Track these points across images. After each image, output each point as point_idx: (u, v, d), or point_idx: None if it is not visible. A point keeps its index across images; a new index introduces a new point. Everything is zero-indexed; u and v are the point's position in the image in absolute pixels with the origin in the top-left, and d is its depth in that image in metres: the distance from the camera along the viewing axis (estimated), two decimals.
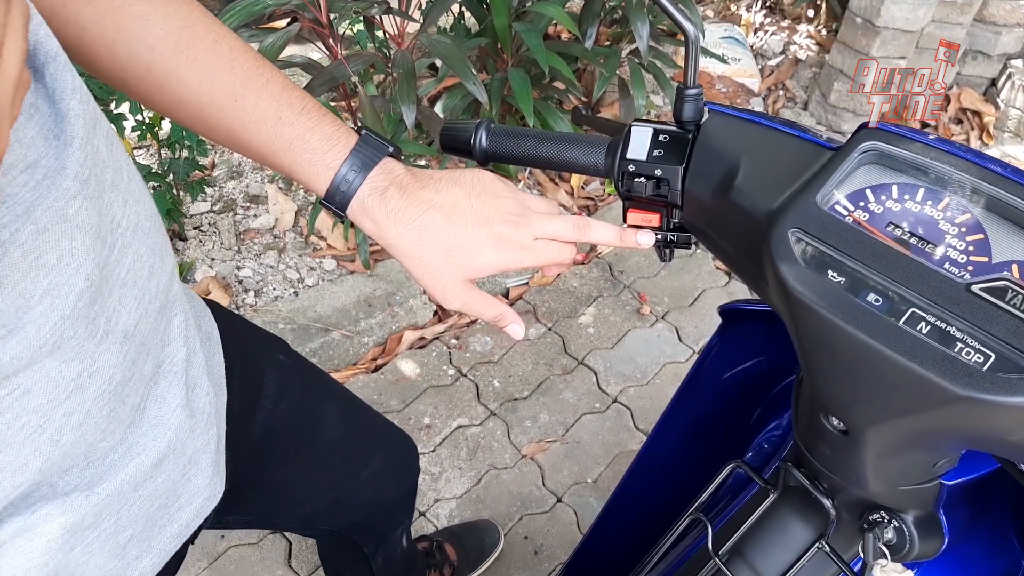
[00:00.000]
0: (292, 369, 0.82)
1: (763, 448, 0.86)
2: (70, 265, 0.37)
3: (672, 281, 2.18)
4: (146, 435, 0.50)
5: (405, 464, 1.01)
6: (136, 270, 0.45)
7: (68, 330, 0.38)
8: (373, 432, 0.95)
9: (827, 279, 0.43)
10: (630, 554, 0.91)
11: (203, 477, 0.58)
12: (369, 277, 2.03)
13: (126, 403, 0.46)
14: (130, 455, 0.49)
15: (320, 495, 0.88)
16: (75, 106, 0.38)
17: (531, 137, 0.62)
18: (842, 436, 0.49)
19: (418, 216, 0.55)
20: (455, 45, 1.67)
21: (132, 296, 0.44)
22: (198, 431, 0.56)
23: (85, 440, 0.44)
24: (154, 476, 0.52)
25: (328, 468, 0.87)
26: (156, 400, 0.51)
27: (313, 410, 0.84)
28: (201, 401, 0.57)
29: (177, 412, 0.52)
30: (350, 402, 0.91)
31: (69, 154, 0.37)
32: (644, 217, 0.58)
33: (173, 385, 0.52)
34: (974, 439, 0.45)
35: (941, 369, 0.39)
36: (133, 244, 0.44)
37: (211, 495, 0.60)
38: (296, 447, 0.82)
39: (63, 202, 0.36)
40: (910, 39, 2.66)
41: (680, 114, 0.55)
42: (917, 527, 0.58)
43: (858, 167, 0.48)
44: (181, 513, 0.57)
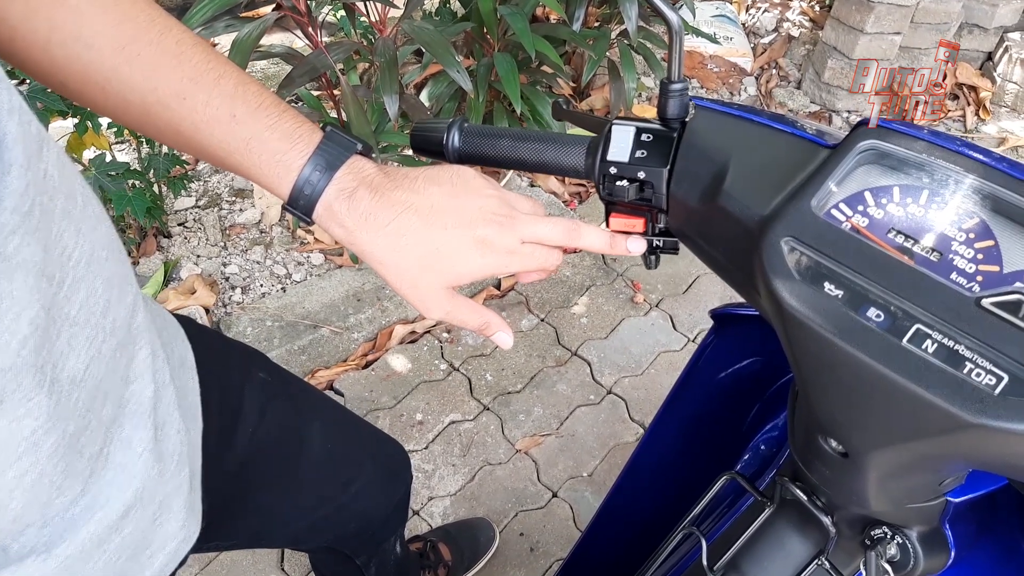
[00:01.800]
0: (272, 386, 0.77)
1: (759, 450, 0.83)
2: (10, 310, 0.33)
3: (666, 268, 2.14)
4: (110, 484, 0.45)
5: (396, 474, 0.97)
6: (89, 306, 0.40)
7: (11, 383, 0.34)
8: (361, 444, 0.91)
9: (824, 293, 0.40)
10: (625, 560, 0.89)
11: (175, 521, 0.53)
12: (358, 271, 1.99)
13: (83, 454, 0.41)
14: (91, 509, 0.44)
15: (307, 514, 0.85)
16: (12, 129, 0.33)
17: (507, 137, 0.58)
18: (841, 458, 0.46)
19: (392, 219, 0.51)
20: (438, 31, 1.62)
21: (83, 336, 0.40)
22: (168, 475, 0.51)
23: (38, 501, 0.39)
24: (120, 528, 0.47)
25: (314, 486, 0.83)
26: (120, 445, 0.46)
27: (296, 428, 0.80)
28: (171, 441, 0.52)
29: (144, 457, 0.47)
30: (335, 415, 0.87)
31: (5, 184, 0.32)
32: (627, 222, 0.54)
33: (139, 428, 0.47)
34: (985, 463, 0.41)
35: (949, 393, 0.35)
36: (87, 278, 0.39)
37: (185, 537, 0.56)
38: (279, 469, 0.78)
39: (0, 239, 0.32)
40: (905, 14, 2.61)
41: (664, 111, 0.51)
42: (922, 543, 0.55)
43: (856, 168, 0.44)
44: (153, 560, 0.53)
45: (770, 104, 2.93)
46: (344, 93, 1.63)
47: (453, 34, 1.96)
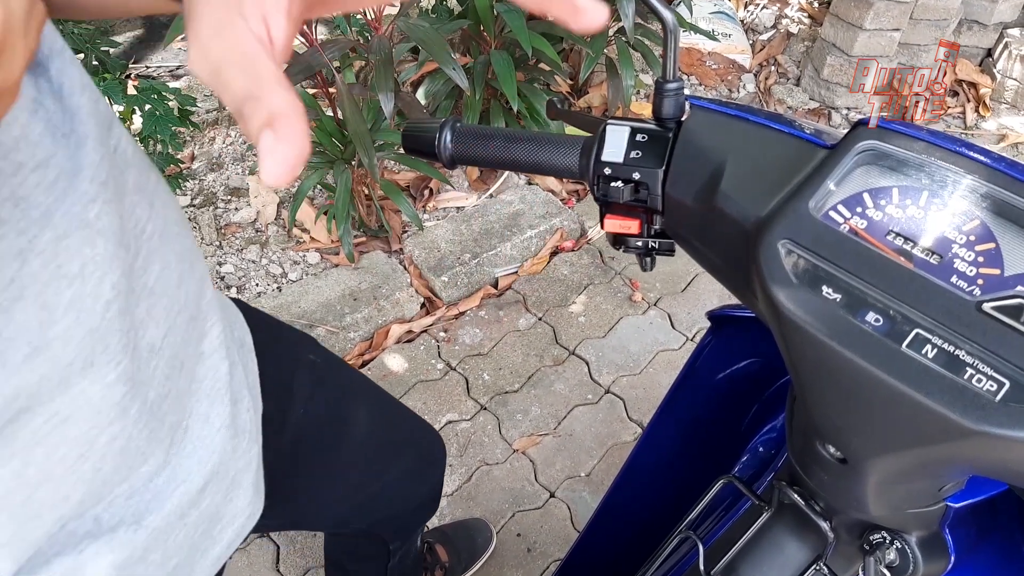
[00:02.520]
0: (322, 368, 0.78)
1: (758, 452, 0.83)
2: (94, 274, 0.34)
3: (664, 267, 2.13)
4: (190, 457, 0.47)
5: (434, 459, 0.98)
6: (164, 279, 0.41)
7: (99, 344, 0.35)
8: (403, 428, 0.93)
9: (821, 297, 0.39)
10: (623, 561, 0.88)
11: (245, 497, 0.55)
12: (354, 270, 1.98)
13: (164, 422, 0.44)
14: (175, 481, 0.46)
15: (351, 496, 0.86)
16: (85, 103, 0.35)
17: (500, 137, 0.57)
18: (839, 464, 0.45)
19: None
20: (434, 29, 1.61)
21: (160, 307, 0.41)
22: (240, 451, 0.53)
23: (127, 465, 0.41)
24: (199, 502, 0.49)
25: (359, 467, 0.85)
26: (199, 419, 0.48)
27: (344, 410, 0.81)
28: (243, 418, 0.54)
29: (222, 432, 0.50)
30: (380, 398, 0.89)
31: (83, 155, 0.34)
32: (622, 224, 0.53)
33: (216, 403, 0.49)
34: (986, 470, 0.41)
35: (949, 399, 0.34)
36: (160, 251, 0.41)
37: (252, 513, 0.58)
38: (327, 449, 0.79)
39: (81, 206, 0.34)
40: (904, 10, 2.60)
41: (659, 110, 0.51)
42: (921, 548, 0.54)
43: (855, 169, 0.43)
44: (223, 535, 0.55)
45: (769, 101, 2.92)
46: (340, 91, 1.62)
47: (449, 32, 1.95)
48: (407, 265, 2.04)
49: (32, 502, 0.36)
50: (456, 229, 2.11)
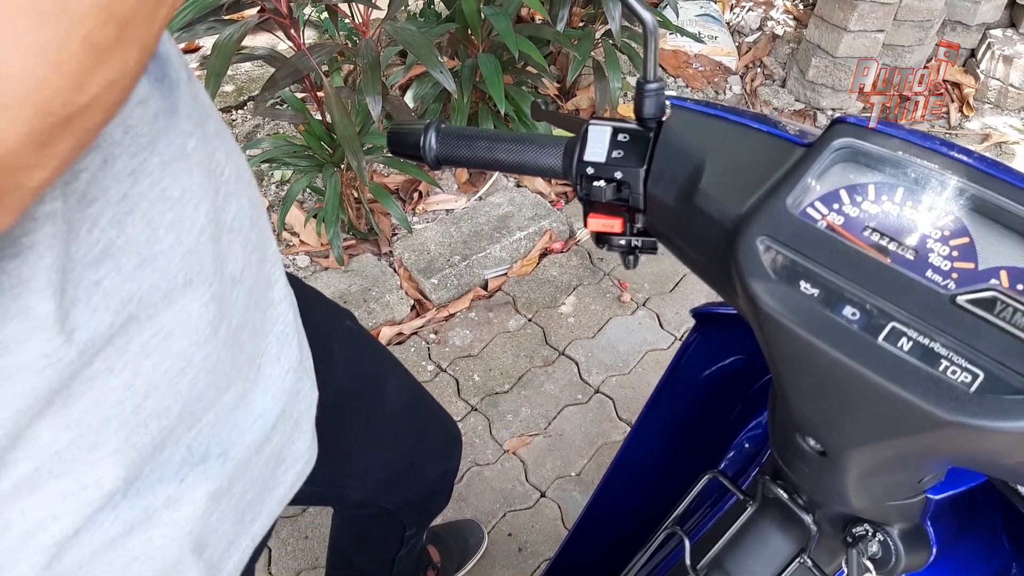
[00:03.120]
0: (358, 336, 0.81)
1: (743, 449, 0.83)
2: (191, 200, 0.38)
3: (652, 267, 2.14)
4: (265, 394, 0.50)
5: (455, 440, 1.02)
6: (240, 218, 0.45)
7: (195, 264, 0.39)
8: (429, 407, 0.96)
9: (799, 292, 0.39)
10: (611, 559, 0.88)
11: (304, 441, 0.58)
12: (344, 273, 1.98)
13: (244, 352, 0.47)
14: (252, 415, 0.49)
15: (385, 466, 0.89)
16: (174, 53, 0.39)
17: (484, 138, 0.57)
18: (820, 457, 0.46)
19: None
20: (421, 33, 1.62)
21: (238, 243, 0.45)
22: (303, 394, 0.56)
23: (216, 386, 0.44)
24: (271, 438, 0.52)
25: (393, 438, 0.88)
26: (270, 360, 0.51)
27: (378, 378, 0.84)
28: (307, 363, 0.57)
29: (290, 375, 0.53)
30: (408, 375, 0.92)
31: (179, 96, 0.38)
32: (605, 222, 0.54)
33: (285, 347, 0.53)
34: (963, 461, 0.41)
35: (925, 391, 0.35)
36: (236, 193, 0.45)
37: (309, 459, 0.60)
38: (362, 414, 0.82)
39: (182, 139, 0.38)
40: (888, 11, 2.62)
41: (640, 111, 0.51)
42: (903, 540, 0.55)
43: (832, 166, 0.44)
44: (286, 476, 0.57)
45: (755, 103, 2.93)
46: (328, 95, 1.62)
47: (437, 35, 1.96)
48: (397, 268, 2.04)
49: (141, 410, 0.39)
50: (445, 231, 2.11)
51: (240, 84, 2.65)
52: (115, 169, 0.34)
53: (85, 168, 0.33)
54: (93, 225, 0.34)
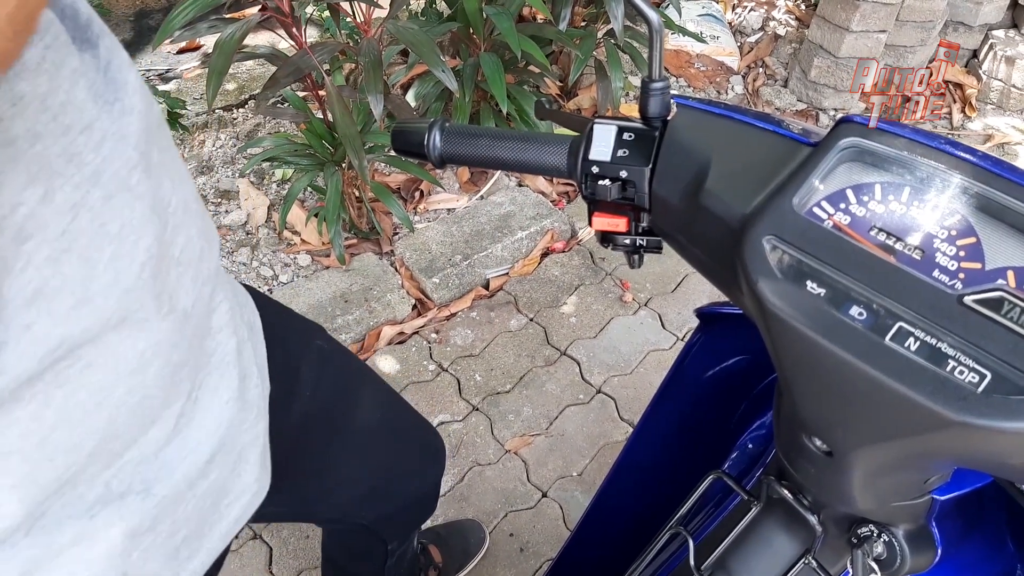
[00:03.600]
0: (329, 355, 0.79)
1: (747, 449, 0.83)
2: (131, 236, 0.37)
3: (654, 267, 2.14)
4: (199, 428, 0.49)
5: (436, 455, 0.99)
6: (189, 250, 0.44)
7: (134, 303, 0.38)
8: (408, 421, 0.94)
9: (806, 291, 0.39)
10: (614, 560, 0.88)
11: (251, 473, 0.56)
12: (345, 272, 1.98)
13: (179, 389, 0.45)
14: (184, 451, 0.48)
15: (357, 484, 0.87)
16: (132, 80, 0.39)
17: (488, 137, 0.57)
18: (826, 457, 0.46)
19: None
20: (423, 32, 1.62)
21: (188, 277, 0.44)
22: (247, 425, 0.54)
23: (139, 424, 0.43)
24: (207, 474, 0.50)
25: (365, 456, 0.86)
26: (209, 391, 0.49)
27: (349, 397, 0.82)
28: (252, 393, 0.55)
29: (230, 405, 0.51)
30: (384, 390, 0.90)
31: (128, 123, 0.37)
32: (610, 221, 0.53)
33: (226, 376, 0.51)
34: (969, 461, 0.41)
35: (932, 391, 0.35)
36: (184, 224, 0.44)
37: (259, 490, 0.59)
38: (333, 434, 0.80)
39: (126, 171, 0.37)
40: (890, 12, 2.62)
41: (645, 110, 0.51)
42: (908, 541, 0.55)
43: (838, 165, 0.44)
44: (230, 510, 0.56)
45: (757, 103, 2.93)
46: (329, 94, 1.62)
47: (439, 34, 1.96)
48: (398, 267, 2.04)
49: (47, 444, 0.37)
50: (447, 231, 2.11)
51: (242, 82, 2.65)
52: (55, 203, 0.33)
53: (23, 202, 0.31)
54: (27, 264, 0.32)
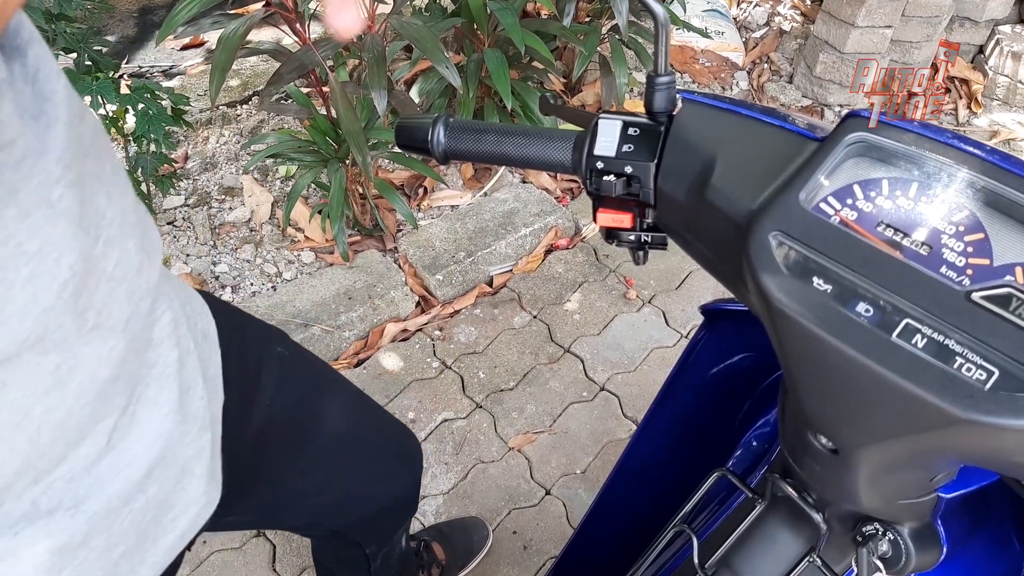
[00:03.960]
0: (290, 361, 0.78)
1: (751, 447, 0.83)
2: (51, 254, 0.36)
3: (658, 264, 2.14)
4: (136, 442, 0.47)
5: (410, 459, 0.98)
6: (124, 264, 0.43)
7: (52, 322, 0.37)
8: (377, 426, 0.92)
9: (812, 287, 0.39)
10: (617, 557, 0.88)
11: (198, 486, 0.55)
12: (348, 269, 1.98)
13: (111, 404, 0.44)
14: (118, 466, 0.46)
15: (323, 491, 0.85)
16: (60, 89, 0.37)
17: (493, 132, 0.57)
18: (831, 454, 0.45)
19: None
20: (426, 27, 1.61)
21: (122, 291, 0.42)
22: (190, 438, 0.53)
23: (66, 441, 0.42)
24: (145, 488, 0.49)
25: (331, 463, 0.84)
26: (146, 404, 0.48)
27: (313, 404, 0.80)
28: (195, 406, 0.54)
29: (169, 418, 0.50)
30: (353, 395, 0.88)
31: (52, 137, 0.36)
32: (615, 217, 0.53)
33: (165, 389, 0.50)
34: (976, 459, 0.41)
35: (939, 388, 0.35)
36: (120, 238, 0.42)
37: (207, 503, 0.57)
38: (296, 442, 0.78)
39: (46, 187, 0.35)
40: (896, 7, 2.60)
41: (651, 104, 0.51)
42: (913, 539, 0.54)
43: (845, 161, 0.43)
44: (176, 524, 0.55)
45: (762, 99, 2.92)
46: (333, 90, 1.62)
47: (442, 30, 1.95)
48: (402, 264, 2.04)
49: None
50: (451, 227, 2.11)
51: (245, 79, 2.64)
52: None
53: None
54: None
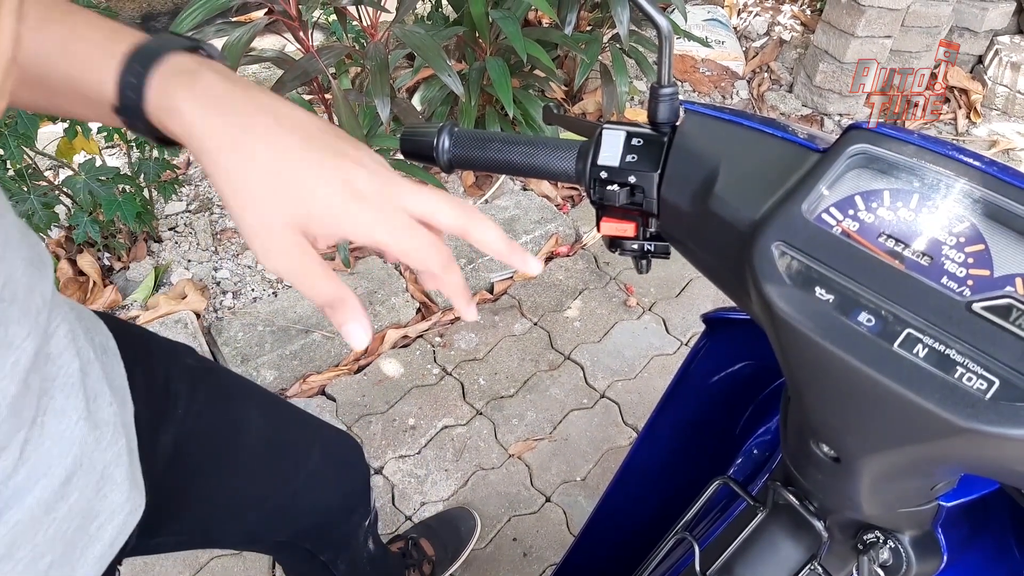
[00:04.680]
0: (201, 371, 0.76)
1: (752, 455, 0.83)
2: None
3: (659, 271, 2.14)
4: (49, 452, 0.46)
5: (346, 462, 0.95)
6: (13, 285, 0.41)
7: None
8: (304, 431, 0.90)
9: (814, 297, 0.39)
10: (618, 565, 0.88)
11: (120, 492, 0.55)
12: (350, 275, 1.98)
13: (20, 418, 0.43)
14: (34, 476, 0.46)
15: (255, 504, 0.83)
16: None
17: (497, 141, 0.57)
18: (833, 463, 0.46)
19: (249, 116, 0.41)
20: (429, 36, 1.62)
21: (16, 310, 0.41)
22: (104, 443, 0.52)
23: None
24: (66, 496, 0.49)
25: (257, 473, 0.82)
26: (54, 414, 0.47)
27: (231, 413, 0.78)
28: (104, 412, 0.53)
29: (80, 425, 0.49)
30: (273, 403, 0.86)
31: None
32: (618, 226, 0.54)
33: (71, 397, 0.49)
34: (977, 468, 0.41)
35: (940, 398, 0.35)
36: (6, 258, 0.41)
37: (132, 509, 0.57)
38: (217, 453, 0.77)
39: None
40: (896, 17, 2.62)
41: (654, 115, 0.51)
42: (914, 547, 0.55)
43: (847, 172, 0.44)
44: (103, 532, 0.54)
45: (762, 108, 2.93)
46: (335, 97, 1.63)
47: (445, 38, 1.96)
48: (403, 270, 2.04)
49: None
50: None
51: None
52: None
53: None
54: None
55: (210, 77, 0.42)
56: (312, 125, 0.43)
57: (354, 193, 0.41)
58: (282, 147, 0.41)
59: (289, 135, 0.41)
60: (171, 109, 0.41)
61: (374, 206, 0.41)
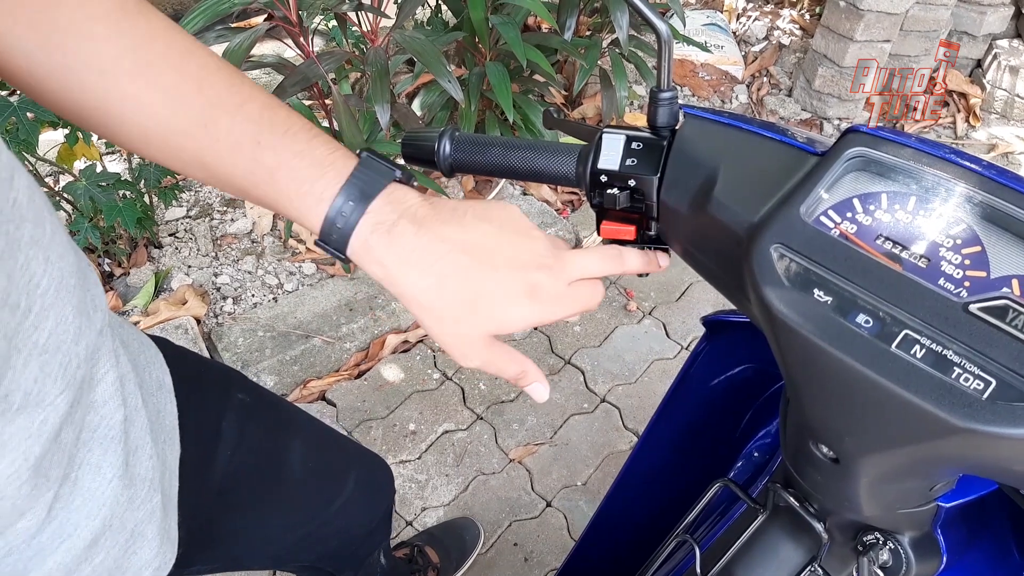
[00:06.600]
0: (252, 407, 0.75)
1: (752, 457, 0.83)
2: None
3: (658, 276, 2.15)
4: (78, 511, 0.44)
5: (379, 489, 0.96)
6: (59, 334, 0.39)
7: None
8: (343, 460, 0.90)
9: (813, 299, 0.40)
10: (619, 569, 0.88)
11: (149, 549, 0.52)
12: (350, 280, 1.99)
13: (49, 475, 0.41)
14: (60, 537, 0.44)
15: (289, 533, 0.83)
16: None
17: (498, 145, 0.58)
18: (832, 464, 0.46)
19: (439, 259, 0.46)
20: (429, 41, 1.63)
21: (56, 363, 0.39)
22: (139, 501, 0.50)
23: (4, 516, 0.39)
24: (90, 557, 0.46)
25: (296, 505, 0.82)
26: (89, 470, 0.45)
27: (276, 448, 0.78)
28: (143, 467, 0.51)
29: (114, 483, 0.47)
30: (317, 432, 0.86)
31: None
32: (618, 229, 0.54)
33: (109, 452, 0.46)
34: (975, 468, 0.42)
35: (937, 398, 0.35)
36: (56, 305, 0.39)
37: (160, 565, 0.55)
38: (259, 490, 0.76)
39: None
40: (894, 21, 2.63)
41: (654, 119, 0.52)
42: (913, 548, 0.55)
43: (845, 175, 0.44)
44: None
45: (761, 112, 2.94)
46: (336, 103, 1.63)
47: (444, 43, 1.97)
48: None
49: None
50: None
51: None
52: None
53: None
54: None
55: (404, 228, 0.46)
56: (493, 238, 0.48)
57: (535, 293, 0.48)
58: (473, 280, 0.47)
59: (479, 267, 0.47)
60: (371, 261, 0.47)
61: (550, 298, 0.48)
